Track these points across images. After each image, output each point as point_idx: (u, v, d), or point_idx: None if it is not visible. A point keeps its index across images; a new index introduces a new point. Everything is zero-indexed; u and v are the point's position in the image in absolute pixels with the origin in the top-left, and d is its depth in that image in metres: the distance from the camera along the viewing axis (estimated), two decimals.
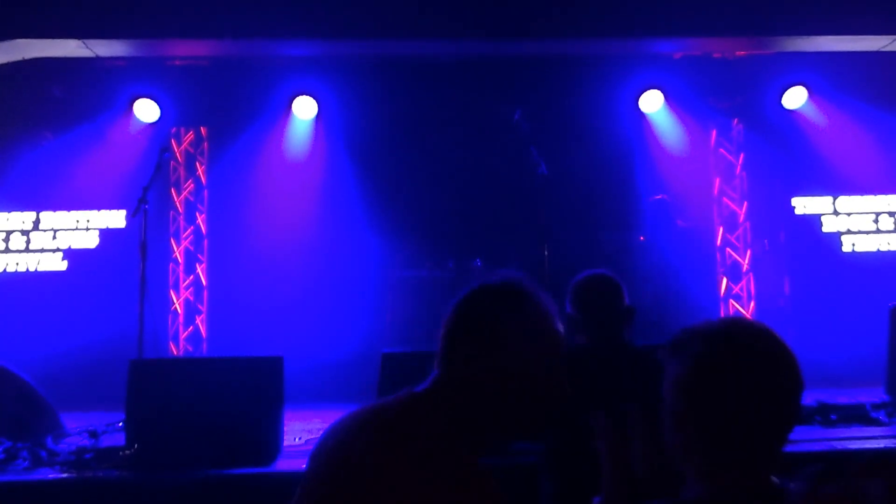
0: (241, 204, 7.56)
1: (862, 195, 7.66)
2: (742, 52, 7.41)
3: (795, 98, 7.35)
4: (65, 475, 3.32)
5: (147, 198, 5.20)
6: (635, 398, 1.86)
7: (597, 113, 7.41)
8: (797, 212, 7.68)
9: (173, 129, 7.72)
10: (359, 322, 6.85)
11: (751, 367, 1.31)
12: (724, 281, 7.97)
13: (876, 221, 7.65)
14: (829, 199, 7.67)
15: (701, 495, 1.33)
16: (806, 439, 3.61)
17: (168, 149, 6.18)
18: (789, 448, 3.53)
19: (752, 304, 7.87)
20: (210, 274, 7.88)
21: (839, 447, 3.44)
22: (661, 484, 1.61)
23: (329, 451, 1.40)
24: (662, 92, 7.36)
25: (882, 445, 3.47)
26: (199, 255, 7.91)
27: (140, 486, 3.20)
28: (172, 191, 7.84)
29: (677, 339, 1.41)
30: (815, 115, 7.47)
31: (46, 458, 3.53)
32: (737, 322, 1.40)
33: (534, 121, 5.61)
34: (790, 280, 7.83)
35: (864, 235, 7.62)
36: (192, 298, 7.83)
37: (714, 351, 1.34)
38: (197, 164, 7.97)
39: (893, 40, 6.67)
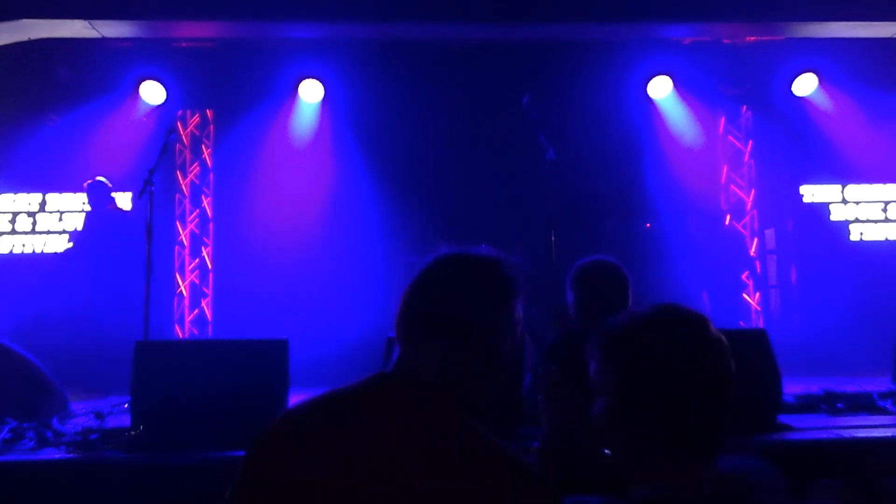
0: (247, 187, 7.56)
1: (871, 184, 7.61)
2: (752, 38, 7.34)
3: (805, 85, 7.28)
4: (70, 455, 3.32)
5: (153, 180, 5.17)
6: None
7: (605, 98, 7.35)
8: (805, 200, 7.65)
9: (179, 112, 7.70)
10: (364, 306, 6.83)
11: (685, 356, 1.28)
12: None
13: (885, 210, 7.60)
14: (838, 187, 7.63)
15: (653, 495, 1.29)
16: (812, 427, 3.59)
17: (174, 130, 6.14)
18: (795, 436, 3.52)
19: (758, 292, 7.84)
20: (215, 257, 7.89)
21: (845, 436, 3.42)
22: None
23: (309, 440, 1.28)
24: (671, 78, 7.30)
25: (889, 434, 3.45)
26: (205, 239, 7.92)
27: (145, 466, 3.21)
28: (178, 174, 7.85)
29: (609, 333, 1.37)
30: (824, 103, 7.40)
31: (52, 439, 3.53)
32: (669, 311, 1.35)
33: (542, 106, 5.55)
34: (797, 268, 7.80)
35: (873, 224, 7.57)
36: (197, 282, 7.85)
37: (649, 343, 1.31)
38: (203, 147, 7.97)
39: None
